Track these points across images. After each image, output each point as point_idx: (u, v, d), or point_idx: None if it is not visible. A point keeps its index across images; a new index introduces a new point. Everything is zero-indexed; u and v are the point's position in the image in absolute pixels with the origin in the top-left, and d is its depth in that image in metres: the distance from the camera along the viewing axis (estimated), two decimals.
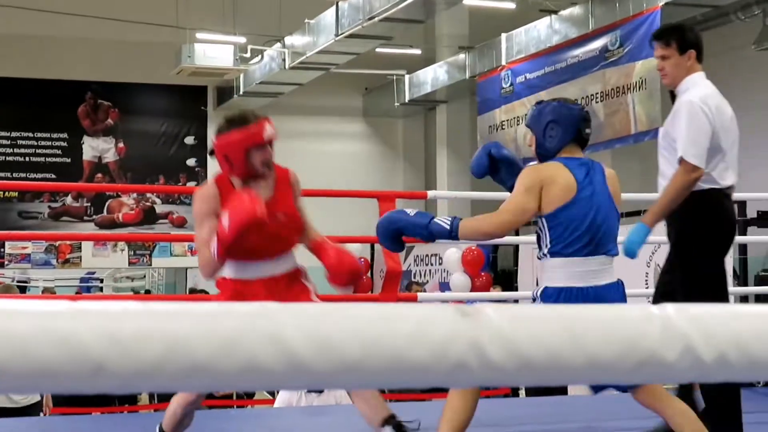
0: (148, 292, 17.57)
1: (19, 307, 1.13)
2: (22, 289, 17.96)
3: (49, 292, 16.14)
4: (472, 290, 12.35)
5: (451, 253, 12.89)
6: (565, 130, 4.23)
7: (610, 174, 4.22)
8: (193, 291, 17.49)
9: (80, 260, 17.98)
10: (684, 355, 1.26)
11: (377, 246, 13.90)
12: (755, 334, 1.31)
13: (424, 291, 13.33)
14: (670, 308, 1.29)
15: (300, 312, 1.15)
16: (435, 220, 4.13)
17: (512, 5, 14.83)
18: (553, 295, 4.04)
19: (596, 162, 4.22)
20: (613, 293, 4.07)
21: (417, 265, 15.54)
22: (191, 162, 18.66)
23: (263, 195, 4.13)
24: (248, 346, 1.10)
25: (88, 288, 17.96)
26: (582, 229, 4.07)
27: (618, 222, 4.20)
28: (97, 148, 18.13)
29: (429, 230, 4.11)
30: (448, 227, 4.09)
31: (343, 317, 1.17)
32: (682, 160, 4.51)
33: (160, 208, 18.40)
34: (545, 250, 4.13)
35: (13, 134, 17.84)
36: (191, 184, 18.41)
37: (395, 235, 4.17)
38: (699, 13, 13.77)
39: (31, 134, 17.90)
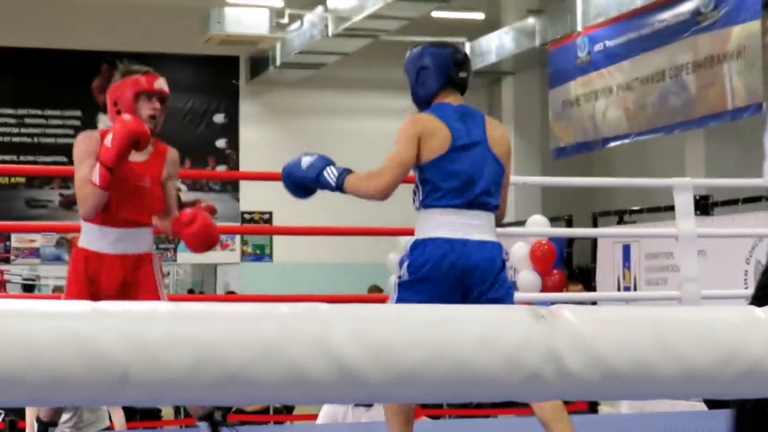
0: (191, 291, 17.63)
1: (36, 309, 1.14)
2: (30, 288, 18.12)
3: (60, 292, 16.28)
4: (542, 290, 12.31)
5: (519, 247, 12.85)
6: (436, 75, 4.58)
7: (493, 124, 4.63)
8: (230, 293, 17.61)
9: None
10: None
11: None
12: None
13: None
14: None
15: (351, 314, 1.16)
16: (324, 173, 4.55)
17: None
18: (419, 246, 4.44)
19: (477, 110, 4.61)
20: (486, 252, 4.46)
21: None
22: (221, 143, 18.73)
23: (137, 158, 4.86)
24: (291, 352, 1.11)
25: None
26: (455, 181, 4.46)
27: (501, 176, 4.58)
28: None
29: (319, 183, 4.58)
30: (333, 183, 4.54)
31: (400, 320, 1.17)
32: None
33: (186, 195, 18.51)
34: (417, 203, 4.52)
35: (20, 111, 18.00)
36: (221, 168, 18.51)
37: (298, 186, 4.66)
38: None
39: (39, 111, 18.05)
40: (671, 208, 6.85)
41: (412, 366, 1.18)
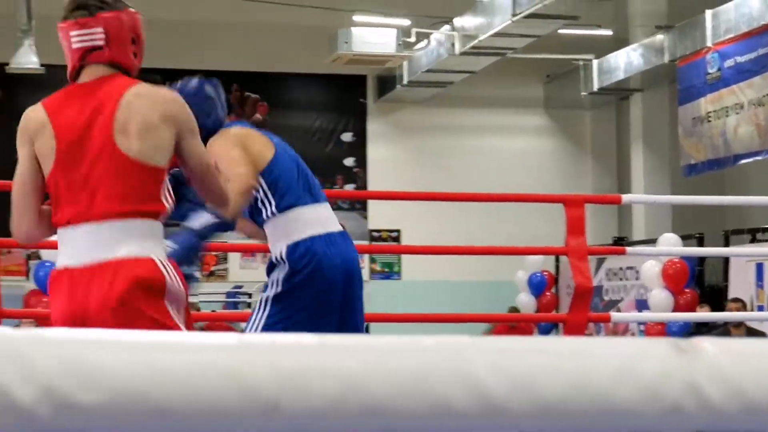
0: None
1: (184, 341, 1.19)
2: None
3: (193, 309, 16.51)
4: (674, 309, 12.19)
5: (650, 266, 12.75)
6: (221, 102, 4.77)
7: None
8: None
9: (227, 273, 18.39)
10: None
11: (563, 258, 13.84)
12: None
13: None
14: None
15: (491, 347, 1.18)
16: (198, 227, 4.18)
17: None
18: (300, 249, 4.60)
19: None
20: (347, 241, 4.80)
21: (609, 280, 15.42)
22: (349, 162, 18.87)
23: None
24: (435, 383, 1.14)
25: (234, 304, 18.33)
26: (299, 179, 4.75)
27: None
28: None
29: (205, 238, 4.24)
30: (216, 223, 4.24)
31: (539, 352, 1.20)
32: None
33: None
34: (272, 209, 4.67)
35: None
36: (349, 187, 18.62)
37: (190, 259, 4.20)
38: None
39: None
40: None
41: (551, 397, 1.20)
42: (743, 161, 14.40)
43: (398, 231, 18.56)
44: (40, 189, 3.73)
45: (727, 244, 13.21)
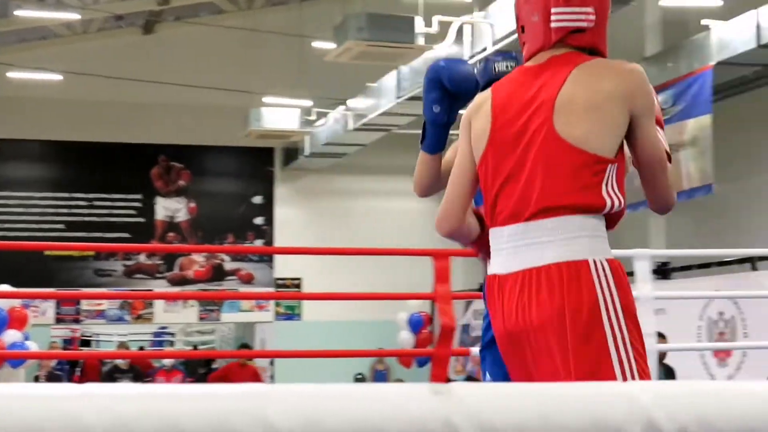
0: (245, 346, 17.41)
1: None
2: (86, 343, 18.19)
3: (123, 347, 16.33)
4: None
5: None
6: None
7: None
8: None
9: (152, 316, 18.22)
10: None
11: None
12: None
13: None
14: None
15: (287, 392, 1.23)
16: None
17: None
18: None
19: None
20: None
21: (476, 319, 15.51)
22: (259, 221, 18.86)
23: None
24: (236, 427, 1.17)
25: (160, 342, 18.15)
26: None
27: None
28: (169, 208, 18.42)
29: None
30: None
31: (330, 398, 1.24)
32: None
33: (229, 265, 18.61)
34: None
35: (91, 196, 18.16)
36: (258, 242, 18.62)
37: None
38: (751, 71, 13.72)
39: (107, 195, 18.23)
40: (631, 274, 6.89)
41: None
42: None
43: (300, 279, 18.55)
44: (473, 178, 2.71)
45: None
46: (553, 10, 2.60)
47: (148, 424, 1.17)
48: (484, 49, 12.25)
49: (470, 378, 12.95)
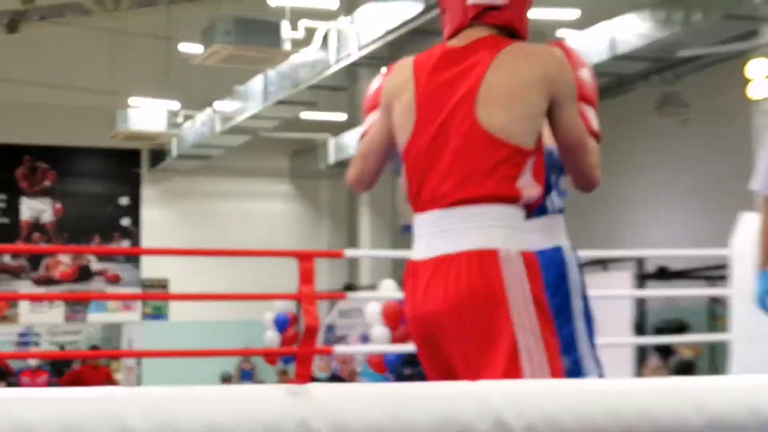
0: (95, 347, 17.18)
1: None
2: None
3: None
4: (391, 343, 12.37)
5: (372, 307, 12.92)
6: None
7: None
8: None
9: (17, 316, 17.77)
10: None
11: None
12: None
13: None
14: None
15: (143, 396, 1.21)
16: None
17: None
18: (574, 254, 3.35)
19: None
20: None
21: (341, 319, 15.52)
22: (125, 222, 18.57)
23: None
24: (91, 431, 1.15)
25: (26, 344, 17.72)
26: None
27: None
28: (34, 208, 17.99)
29: None
30: None
31: (188, 401, 1.23)
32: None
33: (96, 265, 18.28)
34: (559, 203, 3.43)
35: None
36: (125, 243, 18.33)
37: None
38: (601, 82, 14.04)
39: None
40: None
41: None
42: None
43: (166, 280, 18.31)
44: (390, 144, 2.71)
45: None
46: None
47: None
48: (349, 55, 12.31)
49: (334, 376, 12.97)
